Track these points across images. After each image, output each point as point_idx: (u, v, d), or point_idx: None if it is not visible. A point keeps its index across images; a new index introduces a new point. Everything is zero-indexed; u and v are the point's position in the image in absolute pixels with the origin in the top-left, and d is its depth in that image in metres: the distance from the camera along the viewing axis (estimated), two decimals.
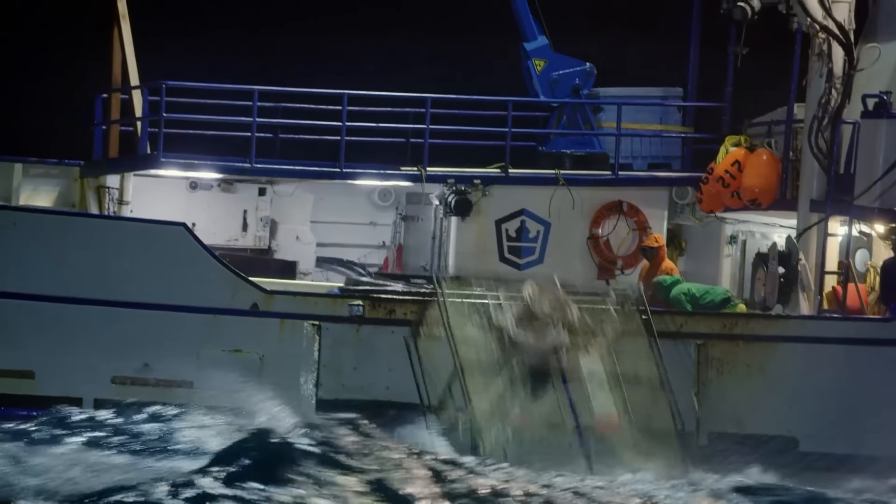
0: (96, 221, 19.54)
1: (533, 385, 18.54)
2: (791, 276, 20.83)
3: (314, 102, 23.13)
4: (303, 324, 18.78)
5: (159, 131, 21.71)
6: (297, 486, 16.29)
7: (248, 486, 16.09)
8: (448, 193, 22.91)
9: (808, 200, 21.87)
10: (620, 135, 23.42)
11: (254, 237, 23.48)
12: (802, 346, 19.67)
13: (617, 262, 23.32)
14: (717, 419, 19.67)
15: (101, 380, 18.46)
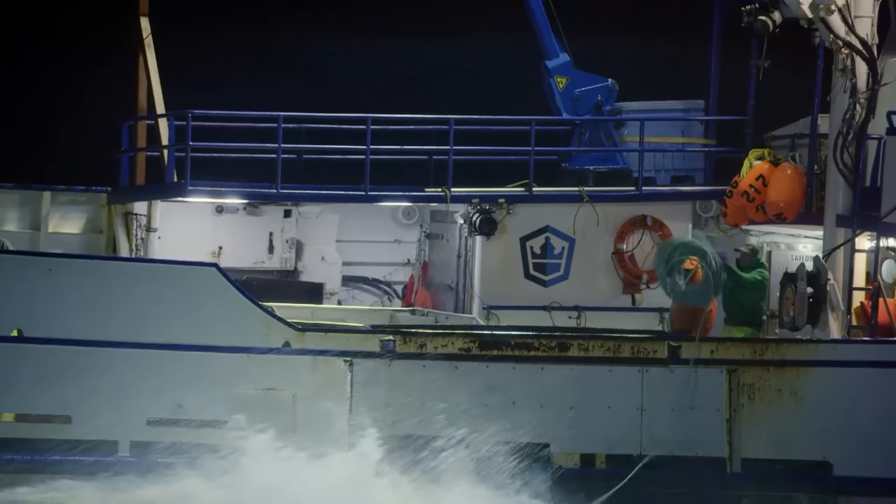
0: (129, 265, 19.62)
1: None
2: (820, 297, 20.84)
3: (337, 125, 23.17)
4: (335, 360, 18.83)
5: (186, 158, 21.75)
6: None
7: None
8: (472, 213, 22.98)
9: (835, 216, 21.86)
10: (643, 150, 23.42)
11: (280, 259, 23.59)
12: (834, 370, 19.68)
13: (642, 276, 23.38)
14: (749, 445, 19.71)
15: (137, 422, 18.55)
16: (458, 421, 19.33)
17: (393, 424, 19.21)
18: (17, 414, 18.52)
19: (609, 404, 19.65)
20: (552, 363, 19.63)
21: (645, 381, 19.70)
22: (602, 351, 19.77)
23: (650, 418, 19.65)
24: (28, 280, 18.53)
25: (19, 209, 22.54)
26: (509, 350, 19.65)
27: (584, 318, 23.00)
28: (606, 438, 19.65)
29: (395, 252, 24.38)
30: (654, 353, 19.81)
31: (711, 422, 19.76)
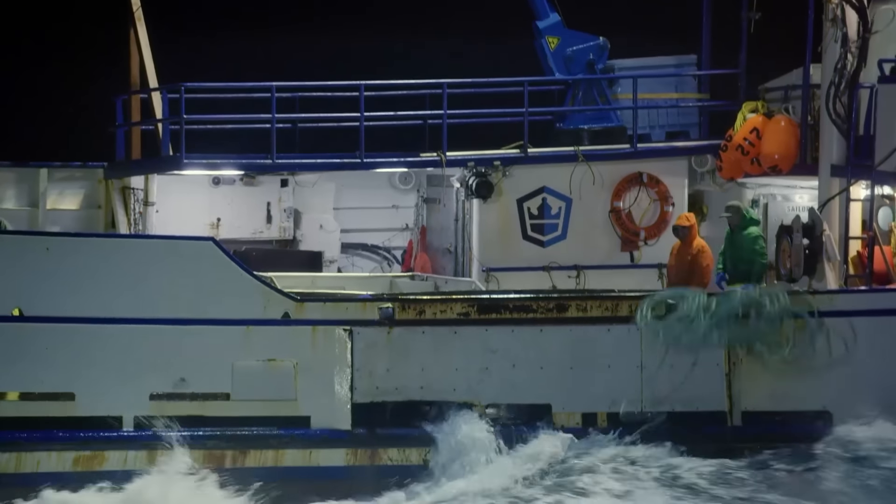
0: (126, 241, 19.69)
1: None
2: (816, 248, 20.92)
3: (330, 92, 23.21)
4: (335, 329, 18.94)
5: (180, 132, 21.81)
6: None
7: None
8: (469, 176, 23.04)
9: (829, 166, 21.91)
10: (637, 108, 23.45)
11: (278, 229, 23.68)
12: (831, 320, 19.77)
13: (640, 233, 23.45)
14: (749, 398, 19.83)
15: (140, 397, 18.68)
16: (459, 385, 19.44)
17: (396, 391, 19.33)
18: (21, 392, 18.61)
19: (609, 363, 19.75)
20: (551, 324, 19.72)
21: (644, 338, 19.79)
22: (600, 310, 19.85)
23: (650, 376, 19.75)
24: (26, 259, 18.62)
25: (16, 187, 22.64)
26: (508, 313, 19.75)
27: (584, 277, 23.06)
28: (607, 397, 19.75)
29: (392, 218, 24.45)
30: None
31: (711, 377, 19.85)
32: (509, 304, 19.84)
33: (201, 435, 18.92)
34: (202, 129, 22.77)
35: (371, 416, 19.28)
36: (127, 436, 18.78)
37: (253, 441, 19.07)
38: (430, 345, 19.43)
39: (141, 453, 18.78)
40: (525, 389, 19.70)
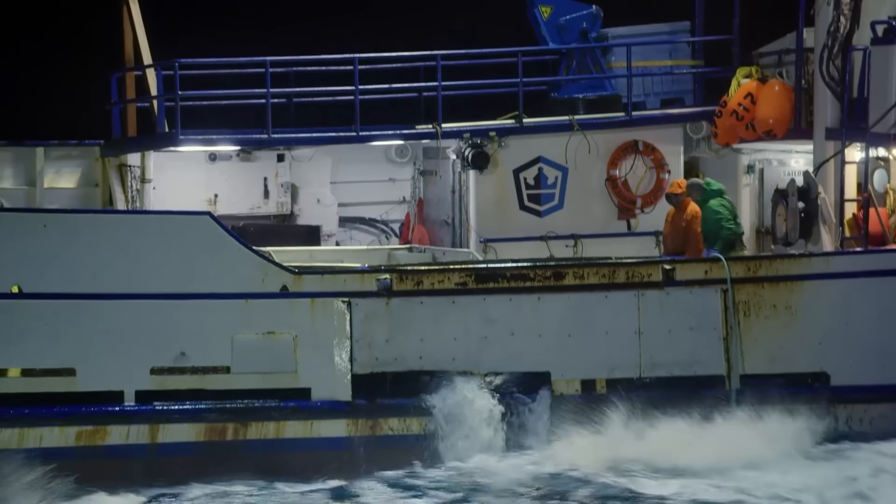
0: (123, 217, 19.76)
1: None
2: (812, 211, 20.99)
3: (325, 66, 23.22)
4: (333, 301, 19.03)
5: (175, 108, 21.84)
6: None
7: None
8: (464, 147, 23.08)
9: (824, 129, 21.96)
10: (632, 75, 23.48)
11: (276, 204, 23.73)
12: (828, 282, 19.85)
13: (636, 201, 23.51)
14: (747, 362, 19.92)
15: (140, 372, 18.76)
16: (458, 354, 19.53)
17: (395, 361, 19.42)
18: (22, 369, 18.70)
19: (607, 330, 19.83)
20: (549, 293, 19.79)
21: (641, 304, 19.87)
22: (597, 278, 19.92)
23: (648, 341, 19.84)
24: (24, 236, 18.69)
25: (13, 166, 22.70)
26: (505, 282, 19.82)
27: (581, 245, 23.12)
28: (606, 364, 19.84)
29: (389, 191, 24.51)
30: (648, 276, 19.97)
31: (709, 341, 19.95)
32: (507, 273, 19.92)
33: (202, 408, 19.02)
34: (198, 106, 22.80)
35: (371, 386, 19.37)
36: (129, 410, 18.88)
37: (254, 413, 19.17)
38: (428, 315, 19.51)
39: (143, 427, 18.88)
40: (524, 357, 19.78)
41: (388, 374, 19.44)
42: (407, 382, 19.45)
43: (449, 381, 19.45)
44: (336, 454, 19.13)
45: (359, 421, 19.40)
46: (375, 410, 19.43)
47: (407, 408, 19.43)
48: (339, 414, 19.34)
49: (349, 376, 19.35)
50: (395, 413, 19.44)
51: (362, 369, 19.37)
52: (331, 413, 19.31)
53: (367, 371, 19.38)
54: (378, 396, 19.40)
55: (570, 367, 19.83)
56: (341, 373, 19.32)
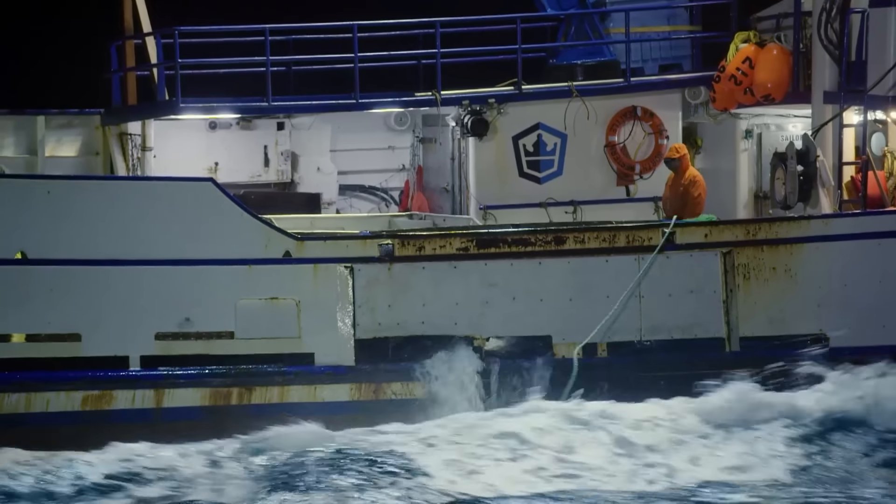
0: (126, 184, 19.86)
1: None
2: (810, 174, 21.09)
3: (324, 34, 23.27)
4: (336, 267, 19.13)
5: (175, 76, 21.90)
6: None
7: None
8: (464, 114, 23.15)
9: (822, 93, 22.04)
10: (630, 41, 23.54)
11: (276, 172, 23.81)
12: (826, 244, 19.98)
13: (635, 167, 23.60)
14: (747, 324, 20.06)
15: (145, 337, 18.88)
16: (460, 319, 19.65)
17: (397, 326, 19.54)
18: (28, 334, 18.81)
19: (607, 293, 19.95)
20: (549, 257, 19.90)
21: (641, 268, 19.98)
22: (598, 242, 20.03)
23: (648, 305, 19.96)
24: (27, 203, 18.77)
25: (14, 134, 22.76)
26: (506, 247, 19.93)
27: (581, 212, 23.23)
28: (606, 327, 19.96)
29: (389, 158, 24.58)
30: (649, 240, 20.08)
31: (709, 304, 20.07)
32: (508, 237, 20.02)
33: (207, 373, 19.14)
34: (197, 74, 22.84)
35: (374, 351, 19.48)
36: (134, 375, 19.00)
37: (258, 378, 19.29)
38: (430, 280, 19.62)
39: (148, 392, 19.00)
40: (525, 322, 19.90)
41: (391, 338, 19.55)
42: (409, 347, 19.55)
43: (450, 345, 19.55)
44: (340, 417, 19.25)
45: (362, 385, 19.51)
46: (378, 375, 19.55)
47: (409, 372, 19.53)
48: (343, 378, 19.46)
49: (352, 341, 19.46)
50: (397, 377, 19.55)
51: (365, 334, 19.48)
52: (334, 378, 19.44)
53: (370, 336, 19.50)
54: (381, 361, 19.51)
55: (571, 330, 19.93)
56: (344, 338, 19.43)
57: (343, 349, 19.44)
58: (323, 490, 16.85)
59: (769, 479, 17.47)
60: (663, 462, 17.85)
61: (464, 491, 16.97)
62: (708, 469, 17.69)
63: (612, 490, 17.17)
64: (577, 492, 17.16)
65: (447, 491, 17.00)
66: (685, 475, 17.53)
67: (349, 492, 16.86)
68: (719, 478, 17.48)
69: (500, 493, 17.00)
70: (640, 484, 17.36)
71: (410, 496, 16.80)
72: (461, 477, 17.39)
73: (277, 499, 16.71)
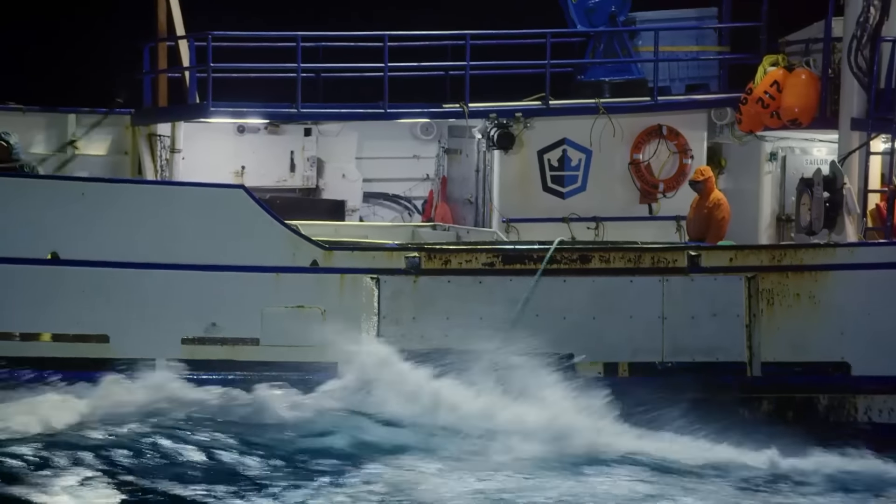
0: (160, 188, 19.95)
1: None
2: (836, 201, 21.14)
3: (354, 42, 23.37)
4: (362, 277, 19.22)
5: (207, 80, 22.01)
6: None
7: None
8: (490, 127, 23.23)
9: (850, 119, 22.10)
10: (658, 60, 23.62)
11: (301, 177, 23.92)
12: (852, 272, 20.04)
13: (659, 185, 23.67)
14: (769, 350, 20.12)
15: (172, 341, 18.98)
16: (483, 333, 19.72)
17: (421, 338, 19.61)
18: (53, 334, 18.90)
19: (631, 314, 20.02)
20: (574, 275, 19.98)
21: (665, 290, 20.06)
22: (623, 262, 20.10)
23: (671, 326, 20.04)
24: (62, 204, 18.87)
25: (46, 131, 22.90)
26: (532, 264, 20.01)
27: (603, 228, 23.30)
28: (629, 347, 20.03)
29: (414, 168, 24.69)
30: (674, 262, 20.15)
31: (731, 328, 20.14)
32: (533, 254, 20.10)
33: (231, 378, 19.23)
34: (226, 78, 22.93)
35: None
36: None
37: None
38: (454, 294, 19.68)
39: None
40: (547, 339, 19.95)
41: (414, 350, 19.62)
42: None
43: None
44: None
45: None
46: None
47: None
48: None
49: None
50: None
51: (388, 345, 19.55)
52: None
53: (395, 347, 19.56)
54: None
55: (593, 349, 20.00)
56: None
57: None
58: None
59: None
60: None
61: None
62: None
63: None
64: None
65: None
66: None
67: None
68: None
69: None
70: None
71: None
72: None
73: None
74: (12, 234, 18.69)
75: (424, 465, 17.86)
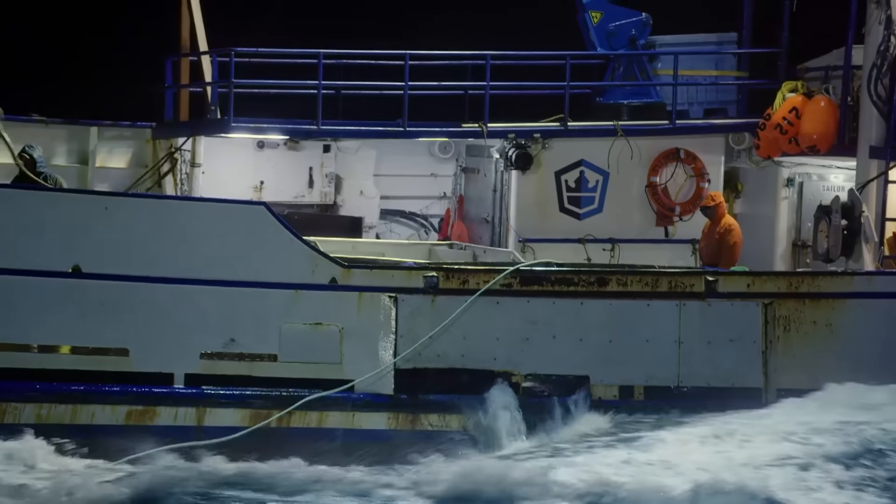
0: (182, 204, 20.03)
1: None
2: (854, 229, 21.19)
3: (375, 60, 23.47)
4: (380, 296, 19.28)
5: (229, 95, 22.11)
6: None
7: None
8: (508, 147, 23.31)
9: (868, 147, 22.16)
10: (677, 84, 23.69)
11: (320, 193, 24.02)
12: (869, 301, 20.09)
13: (675, 208, 23.74)
14: (784, 377, 20.17)
15: (191, 356, 19.04)
16: (499, 354, 19.78)
17: (438, 358, 19.68)
18: (78, 347, 18.97)
19: (647, 337, 20.07)
20: (591, 298, 20.04)
21: (682, 314, 20.11)
22: (640, 286, 20.16)
23: (688, 351, 20.08)
24: (85, 217, 18.95)
25: (68, 143, 23.02)
26: (549, 285, 20.06)
27: (619, 250, 23.36)
28: (644, 371, 20.08)
29: (431, 186, 24.78)
30: (691, 287, 20.21)
31: (748, 354, 20.18)
32: (551, 276, 20.15)
33: (249, 394, 19.28)
34: (246, 93, 23.02)
35: (413, 381, 19.62)
36: (178, 392, 19.15)
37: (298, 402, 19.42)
38: (472, 314, 19.74)
39: (190, 410, 19.15)
40: (564, 361, 20.02)
41: (430, 370, 19.68)
42: (448, 379, 19.68)
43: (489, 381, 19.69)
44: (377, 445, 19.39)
45: (400, 415, 19.65)
46: (416, 405, 19.68)
47: (447, 404, 19.66)
48: (381, 407, 19.59)
49: (392, 370, 19.59)
50: (435, 409, 19.67)
51: (405, 364, 19.62)
52: (373, 406, 19.57)
53: (410, 366, 19.64)
54: (419, 392, 19.64)
55: (609, 372, 20.05)
56: (385, 367, 19.56)
57: (383, 378, 19.58)
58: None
59: None
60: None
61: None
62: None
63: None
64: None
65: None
66: None
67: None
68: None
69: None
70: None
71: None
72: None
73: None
74: (36, 246, 18.76)
75: None
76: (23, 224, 18.76)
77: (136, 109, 23.56)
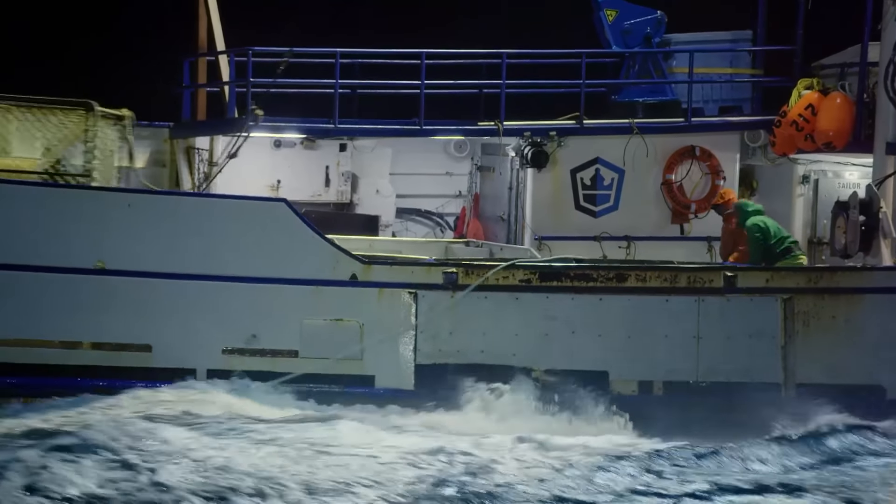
0: (204, 200, 20.10)
1: None
2: (872, 224, 21.22)
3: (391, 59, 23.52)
4: (400, 292, 19.34)
5: (246, 95, 22.16)
6: None
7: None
8: (524, 145, 23.35)
9: (884, 144, 22.19)
10: (692, 82, 23.73)
11: (336, 192, 24.05)
12: (889, 296, 20.12)
13: (690, 206, 23.77)
14: (803, 371, 20.21)
15: (213, 351, 19.12)
16: (519, 350, 19.83)
17: (457, 353, 19.73)
18: (103, 342, 19.06)
19: (666, 333, 20.12)
20: (610, 293, 20.08)
21: (701, 310, 20.15)
22: (659, 281, 20.20)
23: (706, 346, 20.13)
24: (110, 214, 19.03)
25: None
26: (568, 281, 20.11)
27: (634, 247, 23.40)
28: (663, 366, 20.13)
29: (447, 184, 24.80)
30: (710, 282, 20.25)
31: (767, 349, 20.22)
32: (570, 272, 20.21)
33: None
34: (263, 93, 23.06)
35: (433, 377, 19.67)
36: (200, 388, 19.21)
37: (319, 397, 19.49)
38: (491, 310, 19.80)
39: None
40: (583, 356, 20.07)
41: (450, 365, 19.74)
42: (468, 375, 19.74)
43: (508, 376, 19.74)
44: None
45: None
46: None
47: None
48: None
49: (413, 366, 19.65)
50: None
51: (425, 360, 19.68)
52: (393, 401, 19.62)
53: (430, 362, 19.70)
54: (439, 387, 19.70)
55: (628, 367, 20.10)
56: (405, 362, 19.63)
57: (403, 373, 19.64)
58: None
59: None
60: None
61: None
62: None
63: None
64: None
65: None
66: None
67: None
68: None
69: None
70: None
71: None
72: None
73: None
74: (62, 243, 18.85)
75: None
76: (47, 221, 18.87)
77: (155, 109, 23.60)
